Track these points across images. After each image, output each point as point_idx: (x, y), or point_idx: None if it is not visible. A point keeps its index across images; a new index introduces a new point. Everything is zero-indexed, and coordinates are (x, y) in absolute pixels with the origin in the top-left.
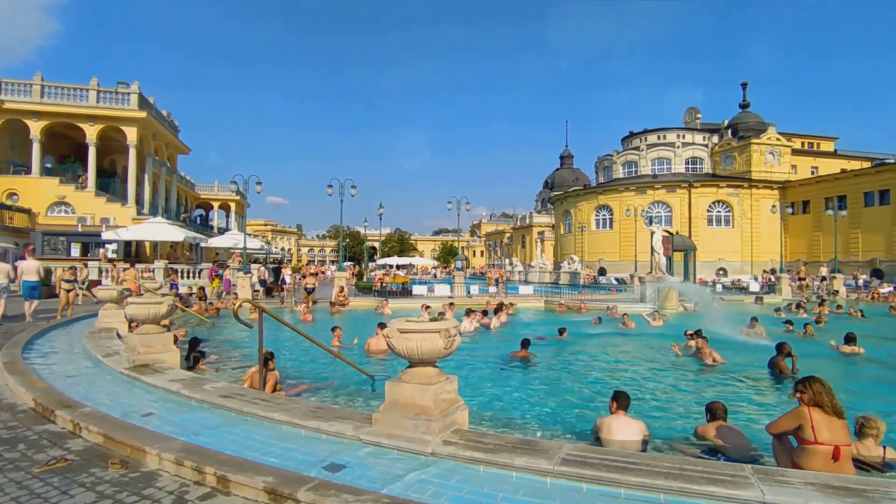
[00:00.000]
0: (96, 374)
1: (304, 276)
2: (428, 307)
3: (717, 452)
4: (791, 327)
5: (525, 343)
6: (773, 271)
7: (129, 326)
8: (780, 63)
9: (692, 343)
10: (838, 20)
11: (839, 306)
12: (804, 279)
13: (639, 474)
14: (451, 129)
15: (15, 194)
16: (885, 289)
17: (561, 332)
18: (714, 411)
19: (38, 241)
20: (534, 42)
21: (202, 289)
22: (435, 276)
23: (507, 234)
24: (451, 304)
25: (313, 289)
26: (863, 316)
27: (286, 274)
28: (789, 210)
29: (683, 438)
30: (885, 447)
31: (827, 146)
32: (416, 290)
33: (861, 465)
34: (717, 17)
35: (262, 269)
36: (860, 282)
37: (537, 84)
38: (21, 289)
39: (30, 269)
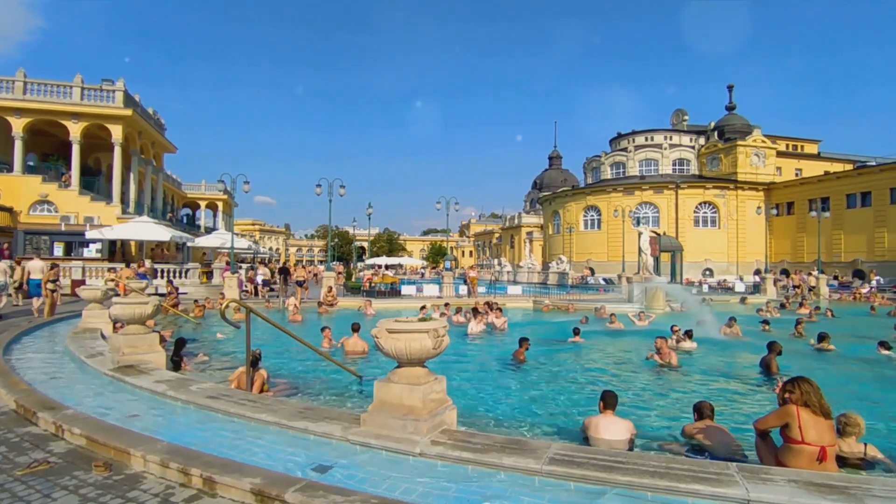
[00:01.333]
0: (80, 376)
1: (289, 273)
2: (424, 307)
3: (703, 451)
4: (767, 327)
5: (522, 341)
6: (757, 272)
7: (114, 327)
8: (766, 65)
9: (672, 340)
10: (825, 22)
11: (817, 307)
12: (799, 287)
13: (626, 473)
14: (440, 128)
15: None
16: (866, 288)
17: (575, 332)
18: (701, 410)
19: (20, 240)
20: (522, 42)
21: (170, 281)
22: (423, 275)
23: (496, 235)
24: (447, 304)
25: (304, 280)
26: (832, 316)
27: (256, 274)
28: (774, 211)
29: (670, 437)
30: (865, 444)
31: (811, 148)
32: (405, 290)
33: (842, 461)
34: (706, 18)
35: (265, 269)
36: (873, 282)
37: (526, 84)
38: (29, 287)
39: (35, 268)
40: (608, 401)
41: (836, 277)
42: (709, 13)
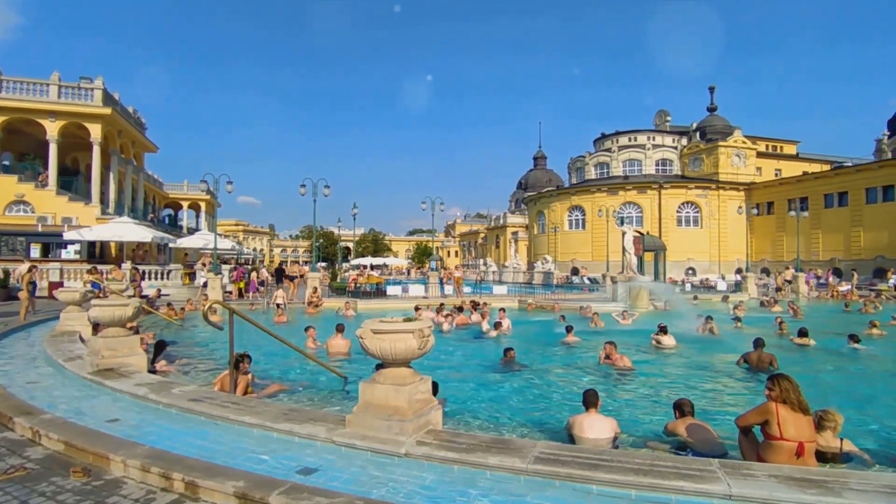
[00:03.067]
0: (58, 380)
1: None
2: (419, 308)
3: (686, 448)
4: (740, 324)
5: (507, 352)
6: (739, 271)
7: (94, 329)
8: (746, 65)
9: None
10: (803, 23)
11: (791, 302)
12: (781, 289)
13: (610, 471)
14: (425, 129)
15: None
16: (844, 287)
17: (568, 330)
18: (682, 408)
19: None
20: (505, 42)
21: (135, 268)
22: (409, 275)
23: (482, 235)
24: (442, 304)
25: (296, 276)
26: (798, 315)
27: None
28: (754, 211)
29: (654, 435)
30: (842, 439)
31: (790, 149)
32: (391, 290)
33: (820, 456)
34: (686, 18)
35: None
36: (892, 280)
37: (510, 84)
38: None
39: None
40: (590, 399)
41: (817, 276)
42: (689, 14)
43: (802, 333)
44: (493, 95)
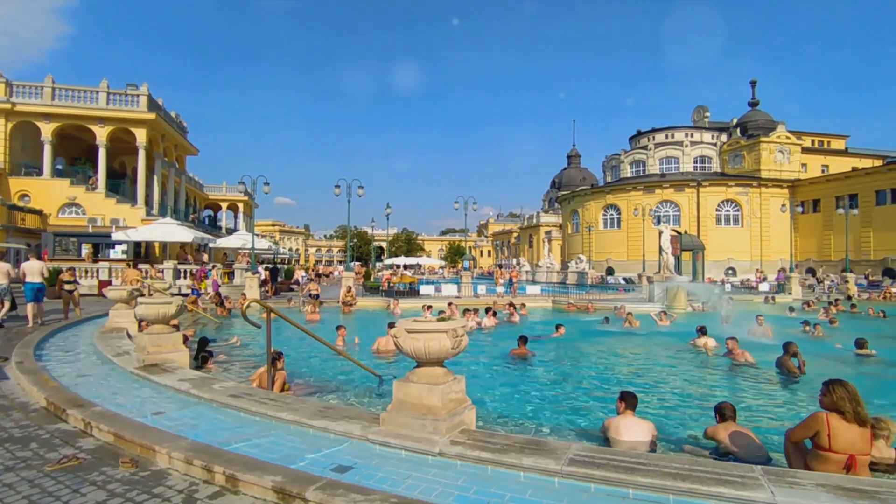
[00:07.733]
0: (107, 374)
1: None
2: (430, 307)
3: (726, 453)
4: (807, 327)
5: (522, 340)
6: (782, 270)
7: (140, 326)
8: (789, 60)
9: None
10: (848, 13)
11: (853, 305)
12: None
13: (647, 475)
14: (458, 128)
15: (27, 195)
16: None
17: (557, 328)
18: (722, 412)
19: (50, 241)
20: (539, 39)
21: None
22: (443, 275)
23: (515, 234)
24: (450, 303)
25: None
26: (884, 317)
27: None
28: (799, 209)
29: (692, 439)
30: None
31: (838, 144)
32: (424, 289)
33: (873, 466)
34: (725, 12)
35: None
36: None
37: (544, 83)
38: (24, 292)
39: (32, 269)
40: (628, 401)
41: (866, 276)
42: (730, 8)
43: (860, 345)
44: (527, 94)
